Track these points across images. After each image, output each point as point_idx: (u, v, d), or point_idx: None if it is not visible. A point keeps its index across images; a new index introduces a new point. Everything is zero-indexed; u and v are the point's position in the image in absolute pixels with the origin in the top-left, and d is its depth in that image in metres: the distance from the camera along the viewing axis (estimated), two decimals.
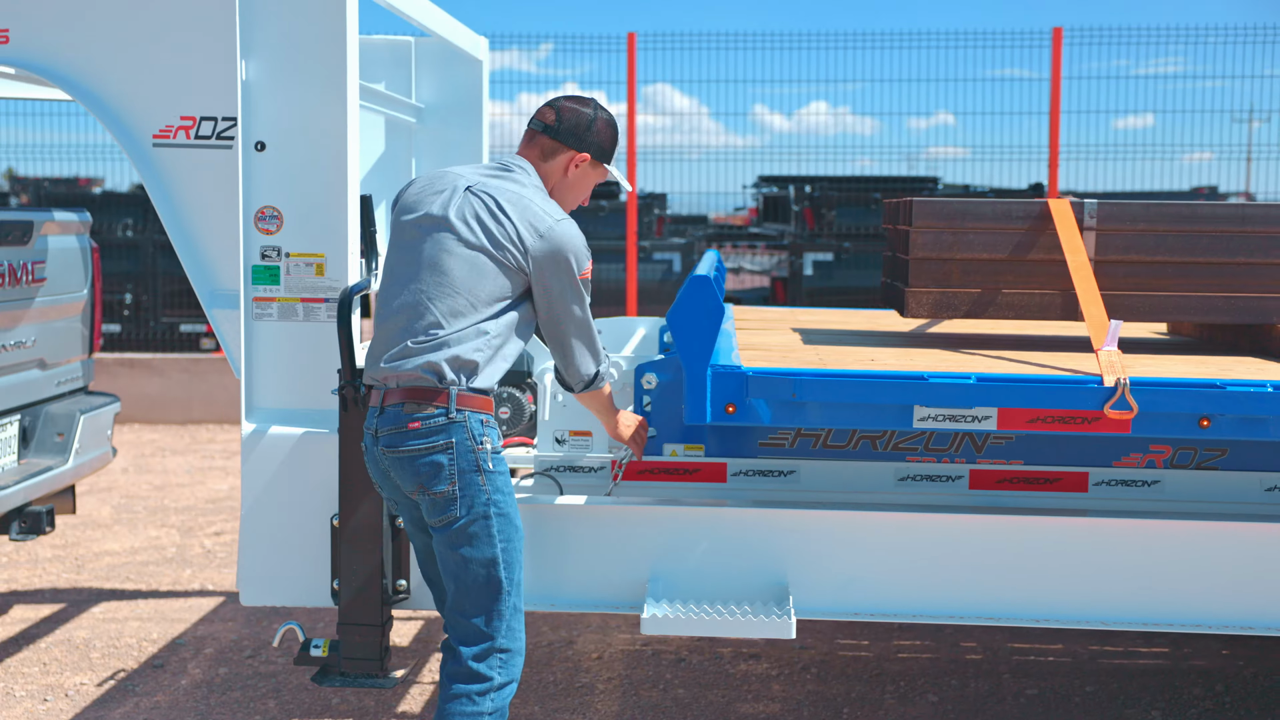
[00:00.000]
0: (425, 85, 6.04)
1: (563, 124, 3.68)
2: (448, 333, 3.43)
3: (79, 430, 5.65)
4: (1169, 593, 3.99)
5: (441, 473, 3.43)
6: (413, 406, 3.43)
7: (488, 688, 3.51)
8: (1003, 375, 3.80)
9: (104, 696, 5.10)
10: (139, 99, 4.09)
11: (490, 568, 3.49)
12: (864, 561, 4.01)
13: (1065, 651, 5.60)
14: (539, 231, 3.48)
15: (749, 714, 4.94)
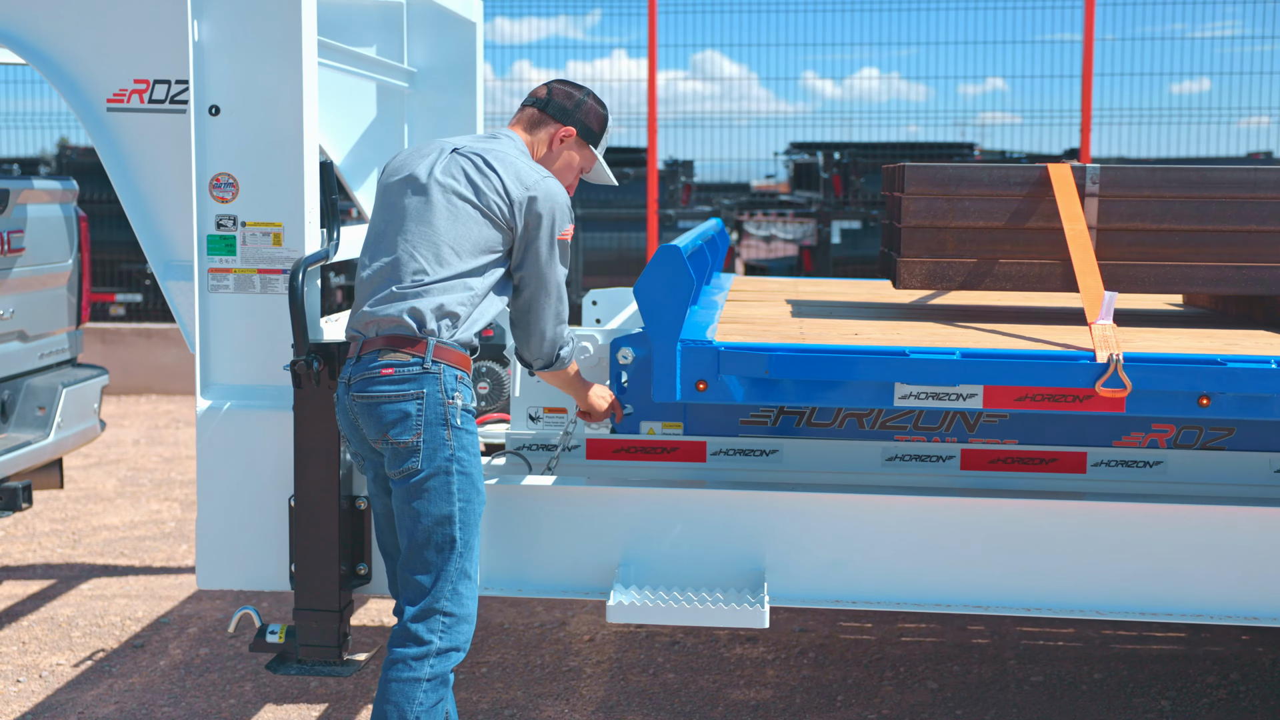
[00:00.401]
0: (418, 49, 5.84)
1: (552, 99, 3.72)
2: (433, 279, 3.40)
3: (61, 404, 5.53)
4: (1170, 581, 3.77)
5: (408, 421, 3.35)
6: (389, 353, 3.38)
7: (425, 652, 3.37)
8: (989, 351, 3.59)
9: (79, 678, 4.98)
10: (92, 62, 3.93)
11: (444, 525, 3.38)
12: (847, 546, 3.81)
13: (1076, 636, 5.38)
14: (525, 184, 3.48)
15: (739, 701, 4.76)
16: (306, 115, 3.80)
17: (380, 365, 3.36)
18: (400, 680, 3.36)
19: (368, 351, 3.41)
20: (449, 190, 3.46)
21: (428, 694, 3.37)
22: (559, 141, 3.70)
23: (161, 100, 3.89)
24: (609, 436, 4.10)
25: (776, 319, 4.31)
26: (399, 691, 3.35)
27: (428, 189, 3.49)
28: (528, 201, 3.47)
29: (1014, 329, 4.02)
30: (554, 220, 3.51)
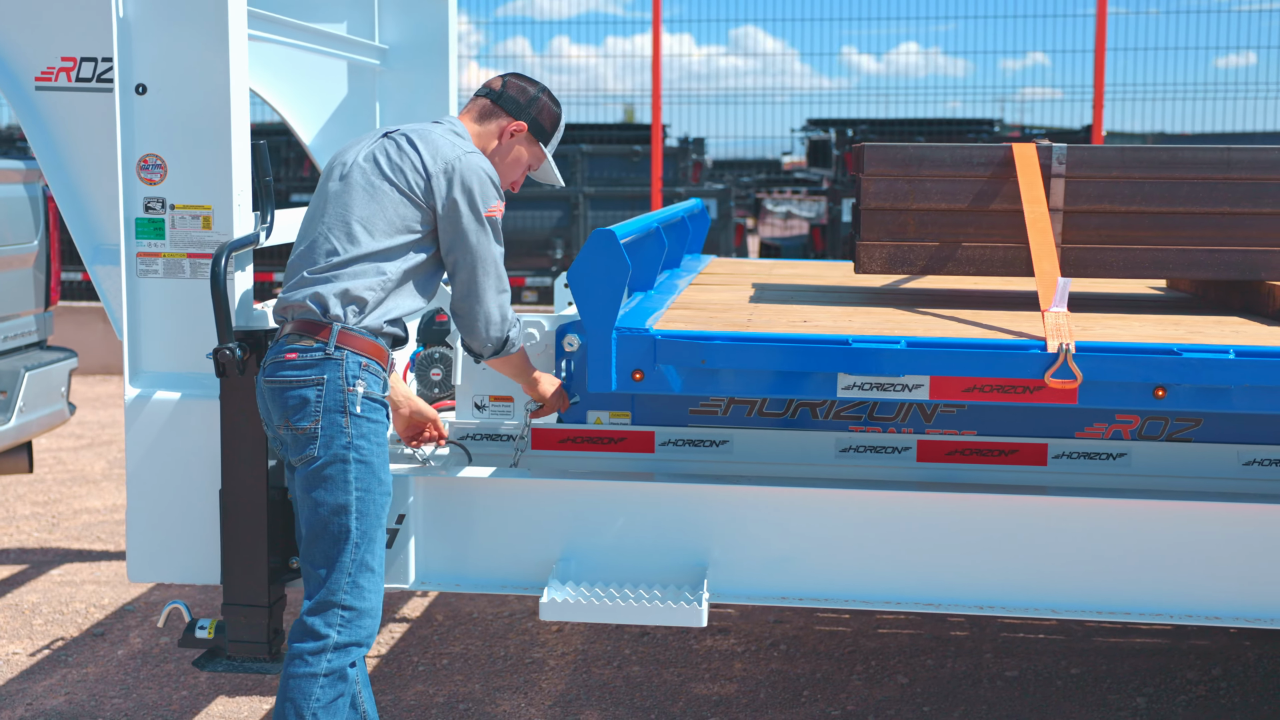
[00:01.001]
0: (389, 25, 5.70)
1: (506, 92, 3.63)
2: (342, 261, 3.31)
3: (23, 387, 5.44)
4: (1133, 579, 3.62)
5: (307, 408, 3.26)
6: (294, 338, 3.30)
7: (322, 646, 3.25)
8: (935, 340, 3.43)
9: (34, 667, 4.91)
10: (20, 38, 3.81)
11: (340, 515, 3.26)
12: (794, 542, 3.67)
13: (1058, 630, 5.23)
14: (444, 158, 3.37)
15: (702, 695, 4.64)
16: (234, 94, 3.67)
17: (286, 350, 3.28)
18: (297, 676, 3.24)
19: (280, 337, 3.34)
20: (368, 171, 3.37)
21: (324, 690, 3.25)
22: (509, 135, 3.59)
23: (89, 79, 3.77)
24: (555, 426, 3.97)
25: (731, 305, 4.16)
26: (296, 688, 3.24)
27: (350, 173, 3.40)
28: (446, 175, 3.34)
29: (974, 316, 3.86)
30: (477, 194, 3.36)
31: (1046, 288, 3.63)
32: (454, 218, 3.37)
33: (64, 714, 4.48)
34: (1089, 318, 3.90)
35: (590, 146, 12.59)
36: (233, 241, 3.62)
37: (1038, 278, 3.71)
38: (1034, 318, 3.76)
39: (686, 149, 12.65)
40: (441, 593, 5.60)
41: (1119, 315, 3.99)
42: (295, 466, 3.29)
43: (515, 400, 4.08)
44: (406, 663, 4.90)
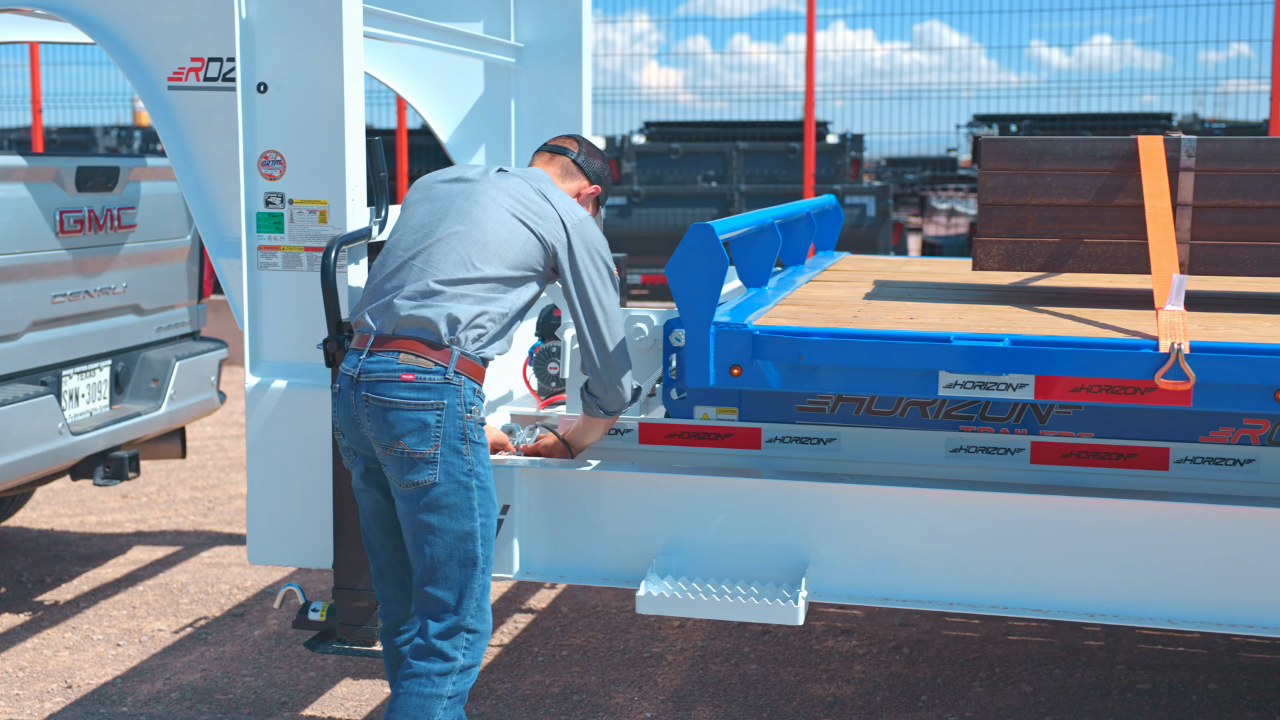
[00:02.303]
0: (524, 23, 5.78)
1: (583, 155, 3.76)
2: (471, 279, 3.32)
3: (174, 376, 5.65)
4: (1256, 590, 3.47)
5: (426, 432, 3.25)
6: (410, 357, 3.27)
7: (450, 669, 3.30)
8: (1040, 338, 3.34)
9: (175, 644, 5.10)
10: (154, 41, 3.97)
11: (466, 541, 3.29)
12: (898, 542, 3.61)
13: (1199, 643, 5.04)
14: (576, 217, 3.48)
15: (817, 696, 4.59)
16: (349, 92, 3.77)
17: (401, 370, 3.25)
18: (422, 695, 3.29)
19: (383, 349, 3.29)
20: (502, 198, 3.43)
21: (446, 711, 3.32)
22: (583, 196, 3.72)
23: (215, 78, 3.90)
24: (662, 421, 3.97)
25: (842, 301, 4.11)
26: (419, 706, 3.29)
27: (480, 192, 3.45)
28: (580, 228, 3.46)
29: (1091, 314, 3.75)
30: (602, 255, 3.49)
31: (1162, 285, 3.51)
32: (588, 271, 3.45)
33: (199, 689, 4.64)
34: (1216, 317, 3.75)
35: (747, 144, 12.56)
36: (344, 235, 3.71)
37: (1154, 275, 3.58)
38: (1153, 317, 3.64)
39: (844, 146, 12.53)
40: (568, 586, 5.66)
41: (1252, 315, 3.83)
42: (406, 490, 3.28)
43: None
44: (526, 653, 4.96)
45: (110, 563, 6.11)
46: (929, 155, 19.31)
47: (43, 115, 12.00)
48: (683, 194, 12.55)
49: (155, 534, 6.60)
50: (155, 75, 3.98)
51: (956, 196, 14.01)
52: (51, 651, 5.01)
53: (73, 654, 4.99)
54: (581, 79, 5.74)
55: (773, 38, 21.74)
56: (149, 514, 6.96)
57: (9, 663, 4.90)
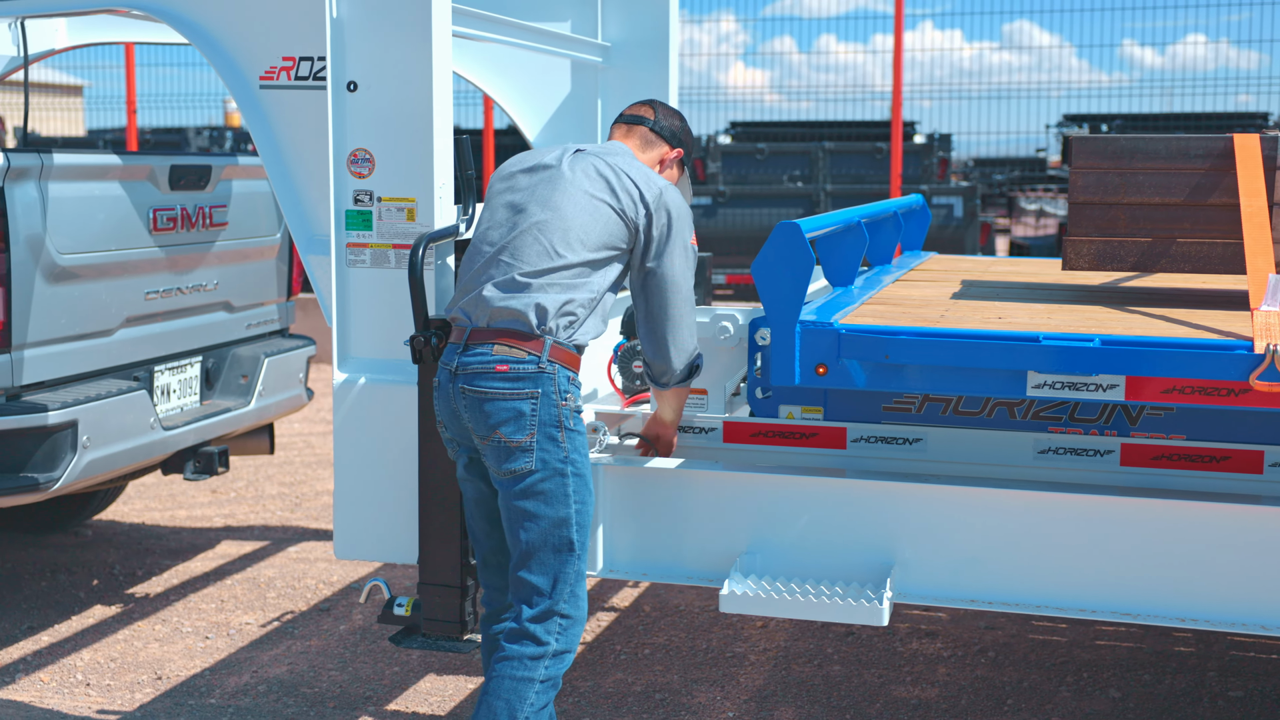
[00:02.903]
0: (612, 23, 5.79)
1: (660, 120, 3.74)
2: (557, 267, 3.36)
3: (263, 372, 5.73)
4: None
5: (522, 420, 3.31)
6: (503, 349, 3.33)
7: (543, 653, 3.35)
8: (1131, 339, 3.29)
9: (262, 637, 5.17)
10: (247, 40, 4.02)
11: (562, 528, 3.34)
12: (986, 544, 3.57)
13: None
14: (656, 185, 3.48)
15: (901, 698, 4.56)
16: (437, 91, 3.79)
17: (495, 361, 3.31)
18: (515, 678, 3.33)
19: (479, 343, 3.35)
20: (581, 181, 3.44)
21: (539, 695, 3.35)
22: (669, 162, 3.73)
23: (306, 77, 3.95)
24: (747, 420, 3.96)
25: (929, 301, 4.08)
26: (512, 689, 3.33)
27: (558, 179, 3.46)
28: (659, 201, 3.45)
29: (1185, 315, 3.68)
30: (686, 225, 3.49)
31: (1258, 285, 3.44)
32: (663, 242, 3.45)
33: (285, 682, 4.70)
34: None
35: (833, 144, 12.49)
36: (431, 233, 3.73)
37: (1250, 275, 3.51)
38: (1248, 318, 3.57)
39: (932, 146, 12.43)
40: (651, 585, 5.66)
41: None
42: (504, 478, 3.34)
43: (709, 393, 4.09)
44: (609, 651, 4.97)
45: (199, 557, 6.20)
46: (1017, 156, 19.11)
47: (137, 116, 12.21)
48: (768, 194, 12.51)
49: (243, 529, 6.70)
50: (248, 74, 4.03)
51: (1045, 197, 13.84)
52: (142, 643, 5.10)
53: (162, 646, 5.08)
54: (668, 78, 5.73)
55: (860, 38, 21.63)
56: (237, 509, 7.06)
57: (101, 654, 5.00)
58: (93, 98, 24.14)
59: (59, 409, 4.59)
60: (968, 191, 12.12)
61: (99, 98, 27.32)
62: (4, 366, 4.53)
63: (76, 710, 4.49)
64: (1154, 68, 19.77)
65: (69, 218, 4.73)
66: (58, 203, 4.67)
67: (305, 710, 4.47)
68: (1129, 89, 13.74)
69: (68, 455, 4.67)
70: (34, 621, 5.32)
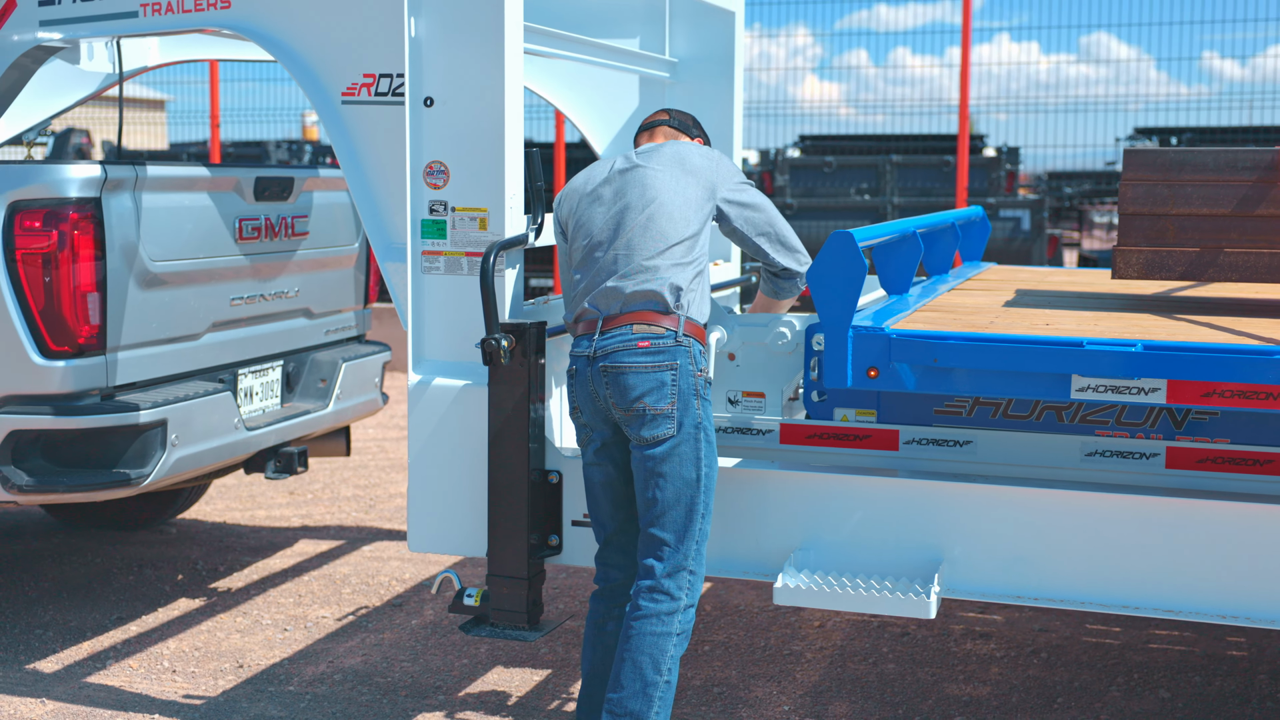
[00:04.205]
0: (679, 40, 5.97)
1: (676, 115, 4.13)
2: (673, 249, 3.67)
3: (341, 377, 5.95)
4: None
5: (664, 390, 3.58)
6: (643, 327, 3.62)
7: (676, 607, 3.60)
8: (1172, 344, 3.41)
9: (338, 630, 5.38)
10: (330, 58, 4.25)
11: (691, 488, 3.60)
12: (1031, 542, 3.71)
13: None
14: (711, 157, 3.86)
15: (954, 696, 4.68)
16: (509, 106, 3.99)
17: (636, 339, 3.59)
18: (655, 634, 3.58)
19: (615, 326, 3.63)
20: (661, 169, 3.75)
21: (677, 646, 3.63)
22: None
23: (385, 93, 4.16)
24: (803, 423, 4.12)
25: (981, 308, 4.21)
26: (654, 644, 3.58)
27: (643, 174, 3.75)
28: (718, 164, 3.84)
29: (1230, 322, 3.80)
30: (740, 173, 3.88)
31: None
32: (743, 195, 3.86)
33: (359, 672, 4.91)
34: None
35: (900, 157, 12.59)
36: (502, 241, 3.93)
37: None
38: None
39: (999, 159, 12.49)
40: (712, 585, 5.82)
41: None
42: (644, 444, 3.60)
43: (766, 396, 4.25)
44: None
45: (278, 554, 6.44)
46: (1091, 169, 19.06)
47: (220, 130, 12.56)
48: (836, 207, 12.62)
49: (320, 528, 6.93)
50: (330, 90, 4.25)
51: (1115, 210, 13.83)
52: (224, 634, 5.34)
53: (243, 637, 5.31)
54: (733, 94, 5.91)
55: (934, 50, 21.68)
56: (314, 510, 7.30)
57: (186, 643, 5.23)
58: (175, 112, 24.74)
59: (150, 408, 4.83)
60: (1035, 204, 12.17)
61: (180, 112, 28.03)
62: (99, 368, 4.78)
63: (164, 695, 4.73)
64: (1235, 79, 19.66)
65: (161, 227, 4.97)
66: (150, 212, 4.92)
67: (379, 698, 4.68)
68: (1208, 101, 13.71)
69: (157, 453, 4.91)
70: (122, 613, 5.58)
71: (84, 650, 5.15)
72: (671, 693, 3.61)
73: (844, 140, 14.46)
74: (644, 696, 3.55)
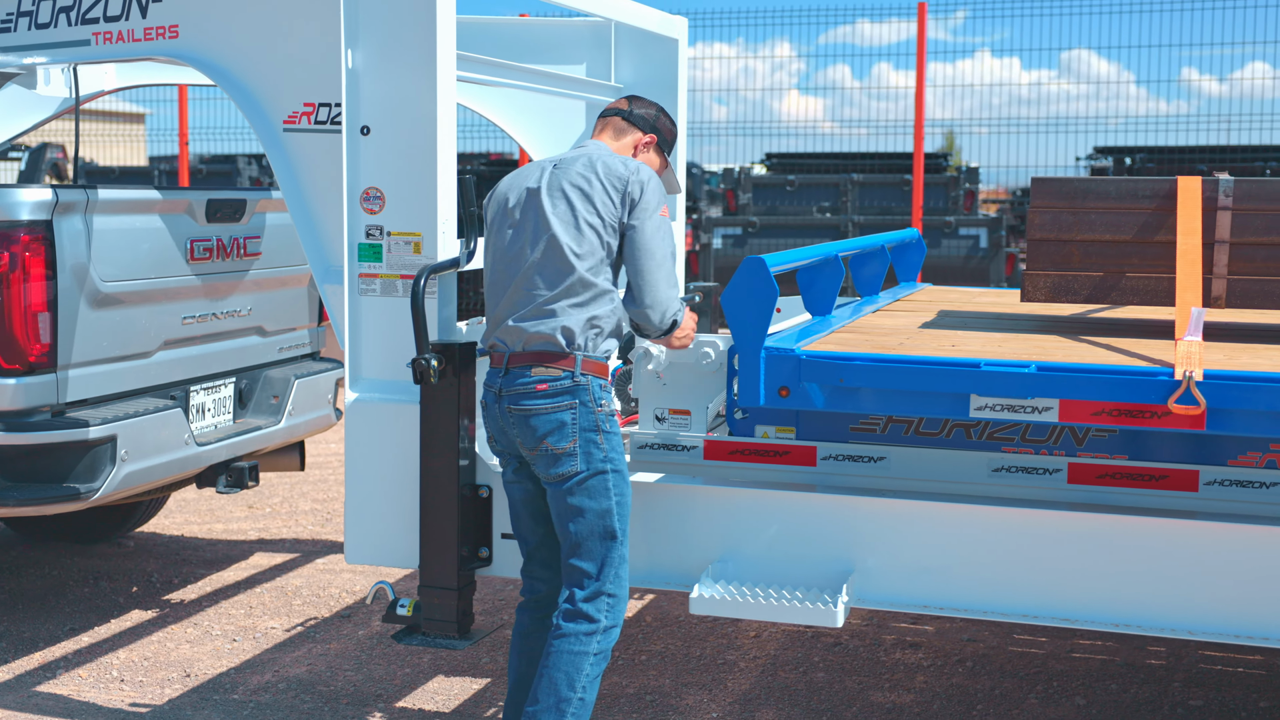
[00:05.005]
0: (624, 66, 6.15)
1: (634, 110, 4.09)
2: (570, 292, 3.71)
3: (293, 393, 6.10)
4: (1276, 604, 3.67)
5: (564, 430, 3.70)
6: (541, 369, 3.72)
7: (595, 629, 3.74)
8: (1063, 364, 3.59)
9: (286, 640, 5.52)
10: (273, 87, 4.41)
11: (606, 518, 3.74)
12: (939, 555, 3.88)
13: (1260, 663, 5.19)
14: (624, 170, 3.79)
15: (879, 703, 4.85)
16: (441, 134, 4.15)
17: (534, 381, 3.70)
18: (573, 653, 3.73)
19: (516, 365, 3.74)
20: (560, 202, 3.76)
21: (593, 666, 3.76)
22: (643, 147, 4.05)
23: (325, 121, 4.32)
24: (725, 439, 4.28)
25: (898, 329, 4.38)
26: (570, 662, 3.72)
27: (546, 205, 3.77)
28: (626, 184, 3.76)
29: (1128, 344, 3.98)
30: (658, 198, 3.82)
31: (1183, 317, 3.73)
32: (642, 222, 3.77)
33: (304, 681, 5.06)
34: (1247, 348, 3.96)
35: (861, 176, 12.79)
36: (433, 265, 4.09)
37: (1177, 308, 3.81)
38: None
39: (959, 178, 12.70)
40: (655, 598, 5.97)
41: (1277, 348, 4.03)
42: (553, 481, 3.74)
43: (692, 414, 4.41)
44: None
45: (232, 567, 6.58)
46: None
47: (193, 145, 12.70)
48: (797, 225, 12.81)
49: (276, 542, 7.07)
50: (273, 118, 4.41)
51: None
52: (174, 644, 5.47)
53: (193, 647, 5.45)
54: (678, 115, 6.08)
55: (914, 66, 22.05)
56: (271, 523, 7.44)
57: (135, 653, 5.37)
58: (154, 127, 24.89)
59: (99, 424, 4.97)
60: (993, 223, 12.37)
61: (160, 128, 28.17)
62: (50, 385, 4.92)
63: (110, 703, 4.86)
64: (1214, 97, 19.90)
65: (111, 248, 5.12)
66: (101, 234, 5.07)
67: (320, 706, 4.82)
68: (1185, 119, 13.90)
69: (107, 467, 5.05)
70: (75, 624, 5.71)
71: (35, 660, 5.28)
72: (586, 710, 3.75)
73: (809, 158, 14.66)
74: (557, 711, 3.70)
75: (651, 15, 5.93)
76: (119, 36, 4.74)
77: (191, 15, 4.58)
